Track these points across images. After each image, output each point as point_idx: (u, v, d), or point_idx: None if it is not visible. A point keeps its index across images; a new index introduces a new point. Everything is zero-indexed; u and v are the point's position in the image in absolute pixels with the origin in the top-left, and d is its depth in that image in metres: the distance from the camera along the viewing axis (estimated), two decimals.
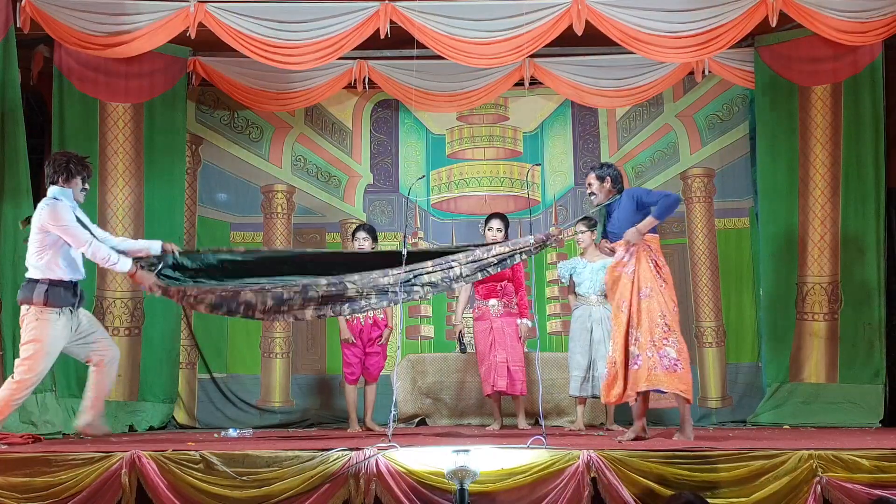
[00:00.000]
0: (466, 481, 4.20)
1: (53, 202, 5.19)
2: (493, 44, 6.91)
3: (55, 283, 5.18)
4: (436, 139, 8.60)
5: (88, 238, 5.19)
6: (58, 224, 5.14)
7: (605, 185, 5.58)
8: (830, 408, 7.10)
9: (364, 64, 7.85)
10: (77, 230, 5.16)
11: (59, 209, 5.16)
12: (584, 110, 8.41)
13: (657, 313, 5.27)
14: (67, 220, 5.15)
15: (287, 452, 4.60)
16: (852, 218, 7.24)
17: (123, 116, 7.48)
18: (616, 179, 5.60)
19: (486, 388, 6.68)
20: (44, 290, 5.16)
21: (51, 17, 6.66)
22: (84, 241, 5.17)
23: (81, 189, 5.36)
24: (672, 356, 5.21)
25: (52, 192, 5.26)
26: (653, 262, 5.37)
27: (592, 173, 5.65)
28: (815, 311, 7.35)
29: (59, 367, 6.70)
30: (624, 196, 5.53)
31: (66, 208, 5.19)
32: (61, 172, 5.27)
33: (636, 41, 6.80)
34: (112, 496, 4.51)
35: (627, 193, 5.54)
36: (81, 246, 5.18)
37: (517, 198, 8.34)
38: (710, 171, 8.21)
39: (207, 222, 8.21)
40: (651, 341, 5.23)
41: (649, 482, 4.40)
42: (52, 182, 5.29)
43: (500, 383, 6.52)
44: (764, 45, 7.60)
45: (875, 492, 4.27)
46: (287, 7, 6.91)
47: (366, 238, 6.85)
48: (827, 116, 7.40)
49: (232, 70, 7.80)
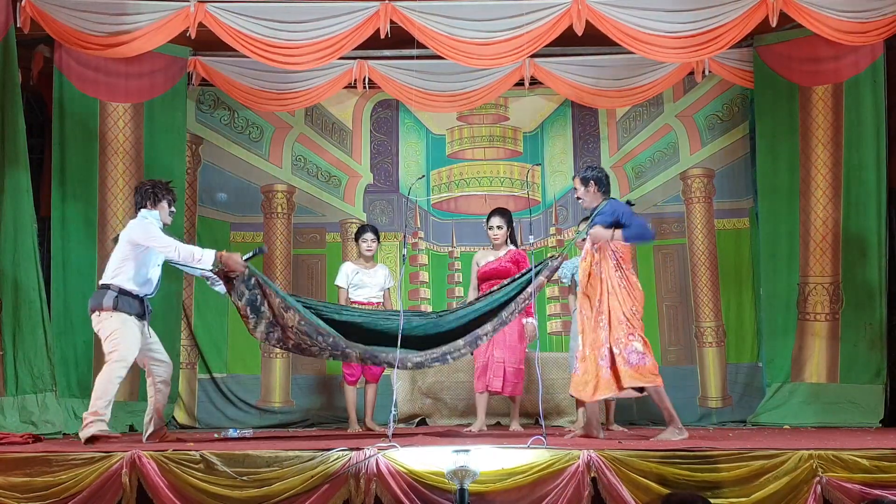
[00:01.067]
0: (466, 481, 4.19)
1: (143, 221, 5.60)
2: (493, 44, 6.91)
3: (124, 292, 5.47)
4: (436, 139, 8.60)
5: (173, 242, 5.54)
6: (148, 236, 5.50)
7: (591, 188, 5.56)
8: (831, 408, 7.10)
9: (364, 64, 7.85)
10: (164, 237, 5.56)
11: (149, 226, 5.57)
12: (583, 110, 8.41)
13: (620, 311, 5.33)
14: (156, 233, 5.55)
15: (287, 452, 4.60)
16: (853, 218, 7.23)
17: (123, 116, 7.48)
18: (600, 181, 5.57)
19: (478, 385, 6.48)
20: (113, 296, 5.44)
21: (51, 17, 6.65)
22: (170, 245, 5.51)
23: (169, 212, 5.73)
24: (639, 350, 5.29)
25: (141, 214, 5.64)
26: (614, 262, 5.42)
27: (577, 178, 5.65)
28: (817, 311, 7.35)
29: (59, 367, 6.73)
30: (607, 206, 5.51)
31: (155, 226, 5.60)
32: (148, 198, 5.66)
33: (636, 41, 6.80)
34: (112, 496, 4.50)
35: (612, 205, 5.50)
36: (169, 248, 5.49)
37: (517, 198, 8.34)
38: (710, 171, 8.22)
39: (207, 222, 8.21)
40: (617, 339, 5.30)
41: (649, 482, 4.40)
42: (140, 207, 5.66)
43: (495, 384, 6.36)
44: (764, 45, 7.59)
45: (875, 492, 4.27)
46: (287, 7, 6.91)
47: (374, 239, 6.96)
48: (828, 117, 7.39)
49: (232, 70, 7.80)
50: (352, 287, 6.93)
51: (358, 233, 7.08)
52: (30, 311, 6.45)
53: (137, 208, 5.68)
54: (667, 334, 8.10)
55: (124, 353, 5.43)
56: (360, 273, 6.95)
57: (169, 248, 5.49)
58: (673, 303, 8.20)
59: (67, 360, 6.97)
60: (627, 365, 5.27)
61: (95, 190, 7.30)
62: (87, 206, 7.25)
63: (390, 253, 8.34)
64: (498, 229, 6.55)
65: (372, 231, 7.01)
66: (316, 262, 8.40)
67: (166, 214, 5.71)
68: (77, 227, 7.17)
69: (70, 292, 7.02)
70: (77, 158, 7.24)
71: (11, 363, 6.35)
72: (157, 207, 5.66)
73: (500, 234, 6.53)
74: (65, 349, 6.96)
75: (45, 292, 6.61)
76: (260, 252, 5.79)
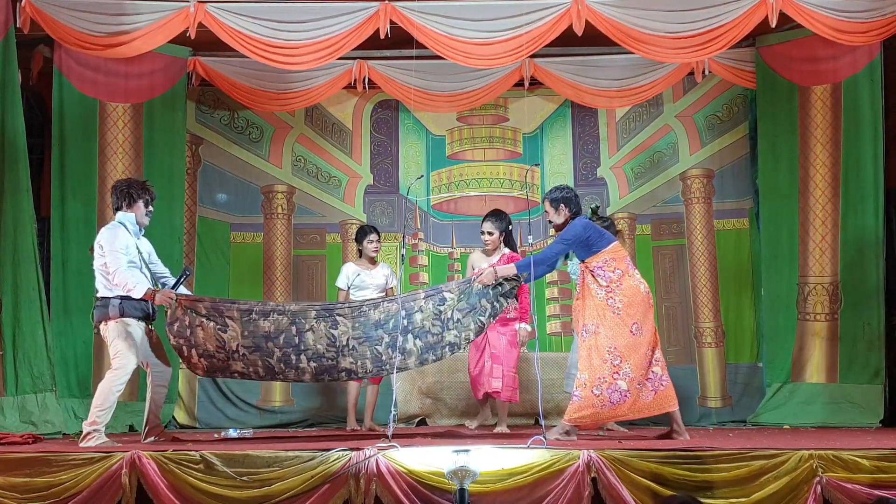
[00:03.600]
0: (466, 481, 4.20)
1: (113, 226, 5.52)
2: (493, 44, 6.90)
3: (125, 297, 5.44)
4: (436, 140, 8.60)
5: (120, 264, 5.39)
6: (109, 247, 5.41)
7: (560, 209, 5.56)
8: (831, 408, 7.10)
9: (364, 64, 7.85)
10: (115, 256, 5.41)
11: (116, 233, 5.46)
12: (583, 111, 8.41)
13: (605, 348, 5.26)
14: (117, 245, 5.41)
15: (287, 452, 4.61)
16: (852, 218, 7.23)
17: (123, 116, 7.48)
18: (569, 201, 5.56)
19: (477, 392, 6.49)
20: (118, 303, 5.43)
21: (51, 17, 6.65)
22: (116, 265, 5.39)
23: (146, 213, 5.63)
24: (622, 389, 5.22)
25: (116, 218, 5.58)
26: (603, 289, 5.36)
27: (546, 200, 5.65)
28: (817, 311, 7.35)
29: (59, 368, 6.73)
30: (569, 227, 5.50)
31: (122, 234, 5.47)
32: (123, 198, 5.60)
33: (636, 41, 6.80)
34: (112, 496, 4.51)
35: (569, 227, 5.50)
36: (113, 268, 5.40)
37: (516, 199, 8.34)
38: (710, 171, 8.21)
39: (207, 223, 8.20)
40: (602, 378, 5.23)
41: (649, 482, 4.40)
42: (116, 209, 5.61)
43: (494, 384, 6.31)
44: (764, 45, 7.60)
45: (875, 492, 4.27)
46: (287, 7, 6.91)
47: (378, 240, 6.95)
48: (827, 116, 7.40)
49: (232, 70, 7.80)
50: (353, 288, 6.92)
51: (361, 234, 7.00)
52: (30, 311, 6.45)
53: (114, 210, 5.63)
54: (666, 334, 8.09)
55: (124, 362, 5.44)
56: (361, 274, 6.92)
57: (113, 267, 5.38)
58: (672, 303, 8.20)
59: (67, 360, 6.98)
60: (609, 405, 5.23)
61: (95, 190, 7.29)
62: (86, 206, 7.24)
63: (390, 254, 8.33)
64: (489, 234, 6.48)
65: (375, 231, 6.99)
66: (316, 262, 8.40)
67: (142, 215, 5.62)
68: (77, 227, 7.17)
69: (70, 292, 7.02)
70: (77, 158, 7.24)
71: (11, 363, 6.35)
72: (132, 209, 5.59)
73: (490, 240, 6.47)
74: (65, 349, 6.97)
75: (45, 292, 6.61)
76: (186, 275, 5.77)
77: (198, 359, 5.41)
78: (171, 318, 5.44)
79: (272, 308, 5.50)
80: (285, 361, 5.39)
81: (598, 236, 5.46)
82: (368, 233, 6.95)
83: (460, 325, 5.41)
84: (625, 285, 5.36)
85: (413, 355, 5.42)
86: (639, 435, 5.89)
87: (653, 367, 5.30)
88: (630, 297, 5.34)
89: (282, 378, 5.55)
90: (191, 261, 7.95)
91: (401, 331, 5.37)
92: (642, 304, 5.36)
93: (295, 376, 5.46)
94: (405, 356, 5.41)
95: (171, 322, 5.43)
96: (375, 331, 5.42)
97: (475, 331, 5.45)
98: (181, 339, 5.42)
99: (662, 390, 5.29)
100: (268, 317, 5.41)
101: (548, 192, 5.76)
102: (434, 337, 5.40)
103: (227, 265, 8.25)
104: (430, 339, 5.40)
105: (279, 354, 5.38)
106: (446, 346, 5.42)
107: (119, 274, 5.38)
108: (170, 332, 5.46)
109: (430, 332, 5.40)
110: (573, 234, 5.42)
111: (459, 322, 5.41)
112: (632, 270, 5.47)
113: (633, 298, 5.34)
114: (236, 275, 8.25)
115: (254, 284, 8.23)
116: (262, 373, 5.44)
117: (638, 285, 5.40)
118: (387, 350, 5.38)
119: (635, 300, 5.34)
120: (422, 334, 5.41)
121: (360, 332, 5.41)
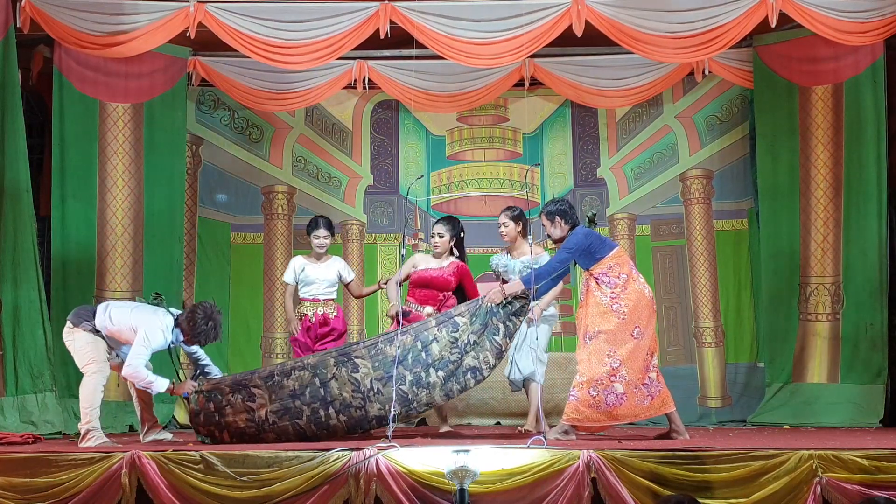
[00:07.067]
0: (466, 481, 4.20)
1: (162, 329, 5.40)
2: (493, 44, 6.91)
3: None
4: (436, 140, 8.60)
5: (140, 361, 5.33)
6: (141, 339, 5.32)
7: (557, 222, 5.56)
8: (831, 408, 7.09)
9: (364, 64, 7.85)
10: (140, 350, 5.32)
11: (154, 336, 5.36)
12: (583, 111, 8.41)
13: (605, 351, 5.26)
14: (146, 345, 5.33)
15: (287, 452, 4.61)
16: (854, 218, 7.23)
17: (123, 116, 7.48)
18: (565, 214, 5.56)
19: None
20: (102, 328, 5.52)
21: (51, 17, 6.65)
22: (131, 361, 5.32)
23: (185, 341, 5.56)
24: (619, 391, 5.23)
25: (170, 325, 5.45)
26: (608, 296, 5.35)
27: (542, 215, 5.65)
28: (819, 311, 7.35)
29: (59, 367, 6.72)
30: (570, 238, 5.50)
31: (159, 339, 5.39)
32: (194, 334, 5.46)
33: (636, 41, 6.80)
34: (112, 496, 4.51)
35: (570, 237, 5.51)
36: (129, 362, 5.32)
37: (516, 199, 8.33)
38: (709, 172, 8.21)
39: (208, 223, 8.20)
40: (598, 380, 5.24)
41: (649, 482, 4.40)
42: (178, 325, 5.48)
43: None
44: (764, 46, 7.59)
45: (874, 493, 4.26)
46: (287, 7, 6.91)
47: (327, 235, 6.49)
48: (828, 117, 7.40)
49: (232, 70, 7.80)
50: (301, 283, 6.52)
51: (310, 226, 6.52)
52: (30, 311, 6.45)
53: (176, 323, 5.49)
54: (666, 334, 8.09)
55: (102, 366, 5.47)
56: (307, 269, 6.48)
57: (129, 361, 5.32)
58: (672, 303, 8.20)
59: (67, 360, 6.91)
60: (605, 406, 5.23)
61: (95, 190, 7.30)
62: (87, 206, 7.25)
63: (390, 254, 8.33)
64: (440, 237, 6.26)
65: (326, 227, 6.48)
66: None
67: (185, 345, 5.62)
68: (77, 227, 7.17)
69: (70, 292, 7.02)
70: (77, 158, 7.24)
71: (11, 363, 6.36)
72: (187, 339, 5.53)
73: (440, 243, 6.25)
74: (65, 349, 6.92)
75: (45, 292, 6.61)
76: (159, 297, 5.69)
77: (230, 439, 5.32)
78: (194, 409, 5.37)
79: (291, 366, 5.44)
80: (316, 422, 5.29)
81: (599, 244, 5.47)
82: (316, 227, 6.47)
83: (477, 347, 5.34)
84: (630, 289, 5.37)
85: (437, 387, 5.32)
86: (638, 435, 5.89)
87: (649, 373, 5.31)
88: (635, 302, 5.35)
89: (315, 440, 5.31)
90: (191, 261, 7.96)
91: (422, 365, 5.31)
92: (646, 309, 5.37)
93: (328, 437, 5.30)
94: (430, 389, 5.32)
95: (195, 414, 5.37)
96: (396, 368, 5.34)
97: (493, 353, 5.34)
98: (210, 426, 5.35)
99: (658, 395, 5.32)
100: (289, 375, 5.36)
101: (542, 206, 5.76)
102: (453, 364, 5.32)
103: (228, 266, 8.24)
104: (451, 367, 5.32)
105: (308, 413, 5.30)
106: (468, 372, 5.32)
107: (138, 367, 5.32)
108: (194, 425, 5.39)
109: (450, 361, 5.33)
110: (575, 242, 5.43)
111: (476, 344, 5.35)
112: (636, 275, 5.47)
113: (639, 303, 5.35)
114: (236, 276, 8.25)
115: (254, 285, 8.23)
116: (293, 440, 5.30)
117: (642, 289, 5.41)
118: (411, 388, 5.30)
119: (640, 304, 5.36)
120: (442, 365, 5.33)
121: (381, 371, 5.33)
